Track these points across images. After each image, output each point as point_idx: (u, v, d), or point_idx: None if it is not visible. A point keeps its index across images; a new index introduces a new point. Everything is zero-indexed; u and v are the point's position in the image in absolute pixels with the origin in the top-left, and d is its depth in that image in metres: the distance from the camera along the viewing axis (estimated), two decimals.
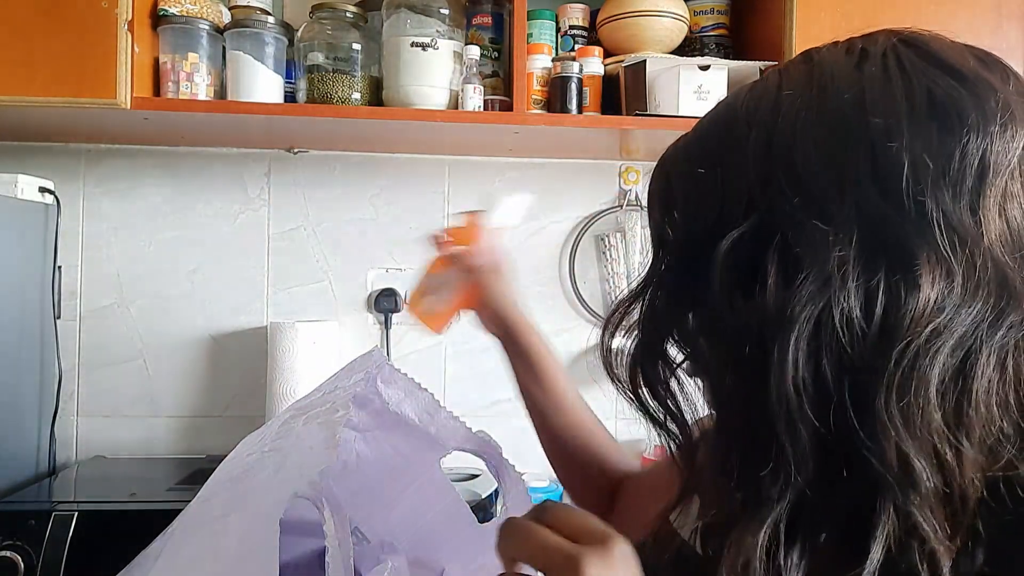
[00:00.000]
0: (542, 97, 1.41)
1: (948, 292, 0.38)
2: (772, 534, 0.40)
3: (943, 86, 0.41)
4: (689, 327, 0.46)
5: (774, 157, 0.42)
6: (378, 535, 0.73)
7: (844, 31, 0.49)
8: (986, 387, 0.38)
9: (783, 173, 0.41)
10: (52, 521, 1.12)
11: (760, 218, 0.41)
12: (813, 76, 0.44)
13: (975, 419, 0.38)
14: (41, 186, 1.43)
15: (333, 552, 0.49)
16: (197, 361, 1.57)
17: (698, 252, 0.44)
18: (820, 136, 0.41)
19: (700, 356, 0.46)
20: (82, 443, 1.53)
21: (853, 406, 0.38)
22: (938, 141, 0.39)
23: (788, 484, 0.40)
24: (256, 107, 1.31)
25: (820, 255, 0.39)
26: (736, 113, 0.46)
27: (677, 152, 0.49)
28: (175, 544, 0.60)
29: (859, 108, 0.41)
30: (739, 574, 0.40)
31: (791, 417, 0.39)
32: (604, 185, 1.64)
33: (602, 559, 0.38)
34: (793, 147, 0.42)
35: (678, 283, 0.47)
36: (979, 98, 0.40)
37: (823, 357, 0.39)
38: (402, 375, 0.70)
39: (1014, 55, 1.34)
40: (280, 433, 0.64)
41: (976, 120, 0.40)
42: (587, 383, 1.62)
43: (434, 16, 1.35)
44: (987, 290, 0.38)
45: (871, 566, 0.38)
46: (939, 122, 0.40)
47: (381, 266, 1.60)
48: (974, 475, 0.38)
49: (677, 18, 1.43)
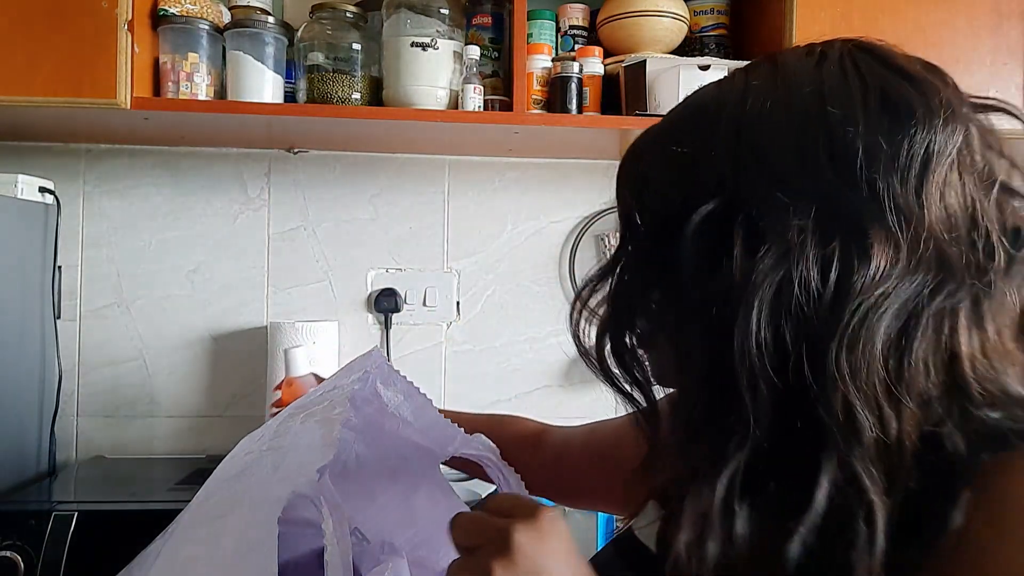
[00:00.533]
0: (542, 97, 1.41)
1: (895, 263, 0.43)
2: (729, 486, 0.44)
3: (894, 84, 0.46)
4: (657, 297, 0.50)
5: (742, 141, 0.47)
6: (378, 535, 0.73)
7: (844, 31, 0.52)
8: (924, 347, 0.43)
9: (750, 154, 0.46)
10: (52, 521, 1.12)
11: (728, 196, 0.46)
12: (777, 73, 0.49)
13: (914, 376, 0.43)
14: (41, 186, 1.43)
15: (333, 552, 0.49)
16: (197, 361, 1.57)
17: (669, 226, 0.48)
18: (784, 122, 0.46)
19: (666, 324, 0.50)
20: (82, 443, 1.53)
21: (808, 363, 0.43)
22: (889, 131, 0.44)
23: (746, 438, 0.44)
24: (256, 107, 1.31)
25: (781, 227, 0.44)
26: (705, 103, 0.51)
27: (648, 137, 0.54)
28: (175, 544, 0.60)
29: (819, 99, 0.46)
30: (698, 525, 0.44)
31: (753, 374, 0.43)
32: (604, 185, 1.64)
33: (530, 526, 0.44)
34: (760, 132, 0.46)
35: (648, 255, 0.51)
36: (925, 96, 0.45)
37: (783, 319, 0.43)
38: (400, 377, 0.70)
39: (1014, 55, 1.34)
40: (278, 432, 0.64)
41: (923, 115, 0.45)
42: (587, 383, 1.62)
43: (434, 16, 1.35)
44: (928, 264, 0.43)
45: (814, 514, 0.42)
46: (890, 115, 0.45)
47: (381, 266, 1.60)
48: (911, 428, 0.43)
49: (677, 18, 1.43)
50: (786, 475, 0.44)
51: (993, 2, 1.33)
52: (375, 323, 1.60)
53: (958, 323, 0.44)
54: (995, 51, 1.33)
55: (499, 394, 1.58)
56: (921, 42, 1.29)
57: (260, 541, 0.49)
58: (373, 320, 1.60)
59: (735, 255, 0.44)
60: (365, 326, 1.60)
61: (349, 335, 1.58)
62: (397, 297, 1.58)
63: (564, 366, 1.62)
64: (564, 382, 1.62)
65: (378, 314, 1.59)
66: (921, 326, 0.43)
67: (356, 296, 1.60)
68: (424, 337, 1.61)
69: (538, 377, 1.61)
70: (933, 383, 0.44)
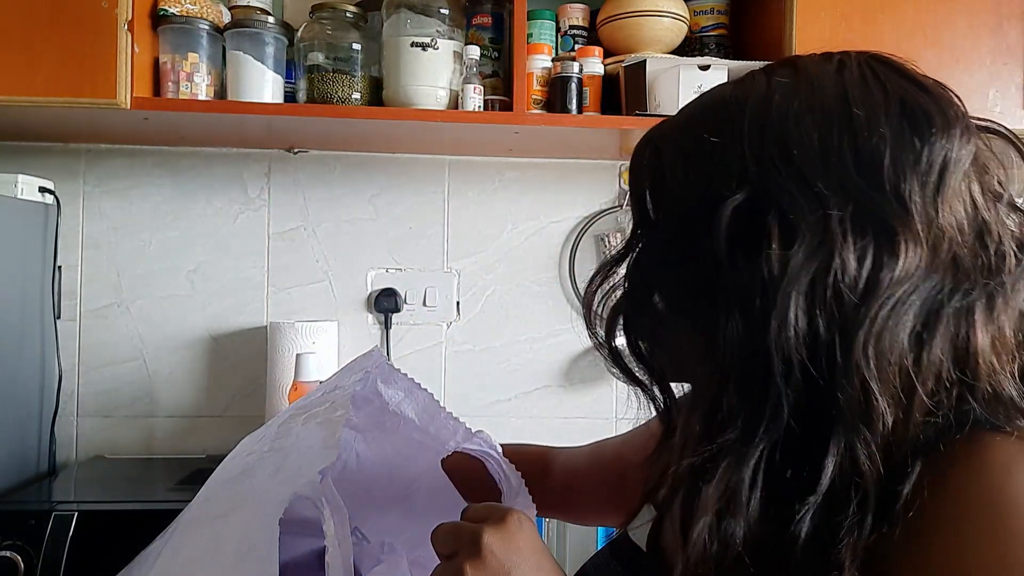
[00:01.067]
0: (542, 97, 1.41)
1: (919, 262, 0.45)
2: (757, 465, 0.46)
3: (912, 94, 0.48)
4: (678, 286, 0.52)
5: (767, 139, 0.48)
6: (378, 535, 0.73)
7: (843, 31, 0.52)
8: (942, 342, 0.45)
9: (777, 151, 0.47)
10: (52, 521, 1.12)
11: (754, 189, 0.47)
12: (799, 74, 0.50)
13: (931, 368, 0.45)
14: (41, 186, 1.43)
15: (333, 552, 0.49)
16: (197, 361, 1.57)
17: (691, 217, 0.50)
18: (809, 122, 0.48)
19: (691, 313, 0.51)
20: (82, 443, 1.53)
21: (838, 349, 0.45)
22: (910, 138, 0.47)
23: (776, 421, 0.45)
24: (256, 107, 1.31)
25: (814, 224, 0.45)
26: (726, 99, 0.52)
27: (667, 129, 0.55)
28: (175, 544, 0.60)
29: (843, 102, 0.48)
30: (724, 506, 0.46)
31: (789, 361, 0.45)
32: (604, 185, 1.64)
33: (498, 528, 0.48)
34: (786, 130, 0.48)
35: (667, 245, 0.52)
36: (941, 107, 0.48)
37: (816, 309, 0.45)
38: (402, 375, 0.70)
39: (1014, 55, 1.34)
40: (280, 433, 0.64)
41: (941, 124, 0.47)
42: (587, 383, 1.62)
43: (434, 16, 1.35)
44: (945, 265, 0.46)
45: (819, 495, 0.44)
46: (910, 122, 0.47)
47: (381, 266, 1.60)
48: (920, 418, 0.45)
49: (677, 18, 1.43)
50: (798, 457, 0.46)
51: (993, 2, 1.33)
52: (375, 323, 1.60)
53: (974, 322, 0.46)
54: (995, 51, 1.33)
55: (499, 394, 1.58)
56: (921, 42, 1.30)
57: (261, 542, 0.49)
58: (373, 320, 1.60)
59: (771, 248, 0.46)
60: (365, 326, 1.60)
61: (349, 335, 1.58)
62: (397, 297, 1.58)
63: (564, 366, 1.62)
64: (564, 382, 1.62)
65: (378, 314, 1.59)
66: (941, 323, 0.45)
67: (356, 296, 1.60)
68: (424, 337, 1.61)
69: (538, 377, 1.61)
70: (947, 376, 0.46)
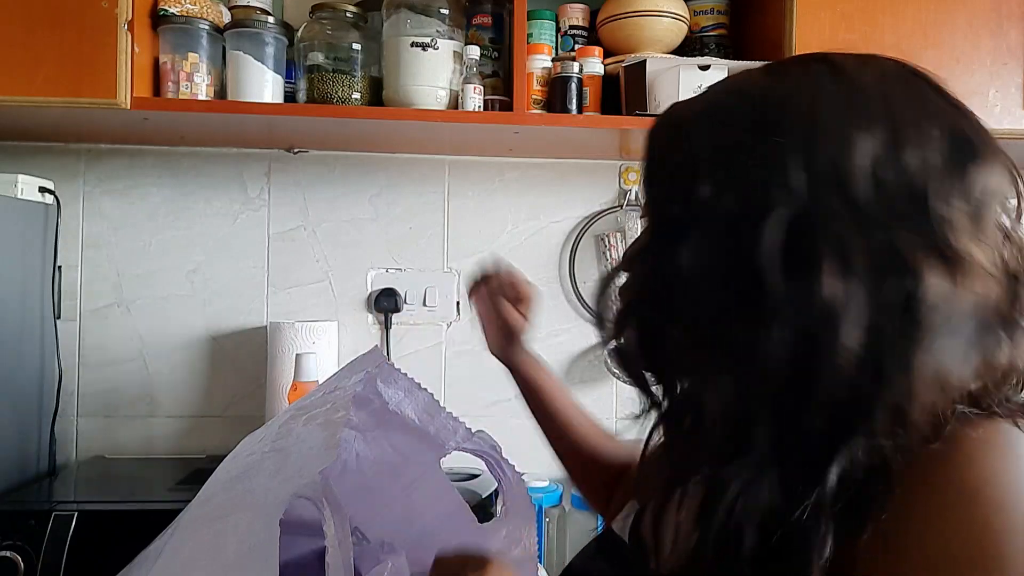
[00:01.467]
0: (542, 97, 1.41)
1: (964, 286, 0.46)
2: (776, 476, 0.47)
3: (954, 118, 0.49)
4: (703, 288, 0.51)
5: (815, 154, 0.48)
6: (378, 535, 0.73)
7: (843, 31, 0.52)
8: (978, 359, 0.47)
9: (829, 169, 0.47)
10: (52, 521, 1.12)
11: (804, 207, 0.47)
12: (842, 83, 0.50)
13: (966, 382, 0.47)
14: (41, 186, 1.43)
15: (333, 552, 0.49)
16: (197, 361, 1.57)
17: (723, 222, 0.49)
18: (860, 142, 0.47)
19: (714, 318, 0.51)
20: (82, 443, 1.53)
21: (884, 366, 0.46)
22: (955, 166, 0.48)
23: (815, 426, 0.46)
24: (256, 107, 1.31)
25: (866, 249, 0.46)
26: (765, 95, 0.51)
27: (694, 117, 0.54)
28: (175, 544, 0.60)
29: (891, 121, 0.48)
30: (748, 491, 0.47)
31: (833, 381, 0.46)
32: (604, 185, 1.64)
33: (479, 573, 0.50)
34: (837, 149, 0.47)
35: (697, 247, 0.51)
36: (982, 136, 0.49)
37: (868, 335, 0.46)
38: (402, 375, 0.70)
39: (1014, 55, 1.33)
40: (280, 433, 0.64)
41: (981, 153, 0.48)
42: (587, 383, 1.62)
43: (434, 16, 1.35)
44: (987, 290, 0.47)
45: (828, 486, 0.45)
46: (956, 150, 0.48)
47: (381, 266, 1.60)
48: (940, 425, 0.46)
49: (677, 18, 1.43)
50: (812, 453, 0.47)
51: (993, 2, 1.33)
52: (375, 323, 1.60)
53: (1001, 341, 0.48)
54: (995, 51, 1.33)
55: (499, 394, 1.57)
56: (921, 42, 1.30)
57: (261, 543, 0.49)
58: (373, 320, 1.60)
59: (822, 271, 0.46)
60: (365, 326, 1.60)
61: (349, 335, 1.58)
62: (397, 297, 1.58)
63: (564, 366, 1.62)
64: (564, 382, 1.62)
65: (378, 314, 1.59)
66: (980, 342, 0.47)
67: (356, 296, 1.60)
68: (424, 337, 1.61)
69: None
70: (976, 388, 0.48)
